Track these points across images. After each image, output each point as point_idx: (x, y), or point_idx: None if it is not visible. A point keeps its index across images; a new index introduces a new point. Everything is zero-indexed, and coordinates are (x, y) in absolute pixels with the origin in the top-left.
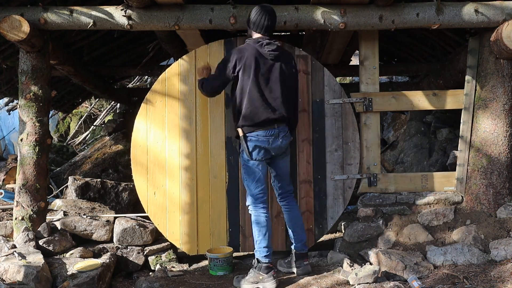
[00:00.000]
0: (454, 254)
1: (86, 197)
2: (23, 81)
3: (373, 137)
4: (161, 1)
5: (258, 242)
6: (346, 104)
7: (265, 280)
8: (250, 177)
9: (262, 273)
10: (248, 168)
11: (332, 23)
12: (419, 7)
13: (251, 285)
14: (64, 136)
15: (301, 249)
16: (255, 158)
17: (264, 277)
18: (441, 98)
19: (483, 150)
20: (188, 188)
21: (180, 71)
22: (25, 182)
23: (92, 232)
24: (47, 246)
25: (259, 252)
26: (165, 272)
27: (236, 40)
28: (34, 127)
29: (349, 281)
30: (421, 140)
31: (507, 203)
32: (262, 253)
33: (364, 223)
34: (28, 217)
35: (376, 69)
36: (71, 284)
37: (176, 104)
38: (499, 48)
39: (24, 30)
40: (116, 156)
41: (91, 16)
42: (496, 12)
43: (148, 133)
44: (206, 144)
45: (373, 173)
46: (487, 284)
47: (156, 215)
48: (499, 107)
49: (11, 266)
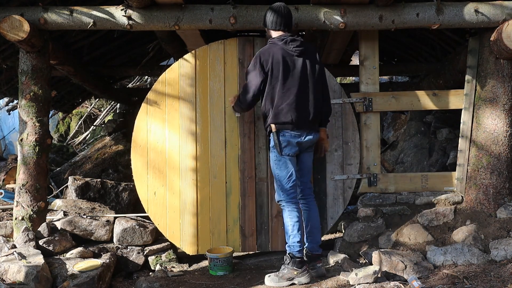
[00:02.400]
0: (454, 254)
1: (86, 197)
2: (23, 81)
3: (373, 137)
4: (161, 1)
5: (291, 237)
6: (346, 104)
7: (300, 275)
8: (282, 172)
9: (296, 268)
10: (280, 164)
11: (332, 23)
12: (419, 7)
13: (286, 282)
14: (64, 136)
15: (316, 250)
16: (287, 153)
17: (299, 272)
18: (441, 98)
19: (483, 150)
20: (188, 188)
21: (180, 71)
22: (25, 182)
23: (92, 232)
24: (47, 246)
25: (293, 247)
26: (165, 272)
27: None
28: (34, 127)
29: (349, 281)
30: (421, 140)
31: (507, 203)
32: (295, 248)
33: (364, 223)
34: (28, 217)
35: (376, 69)
36: (71, 284)
37: (177, 104)
38: (499, 48)
39: (24, 30)
40: (116, 156)
41: (91, 16)
42: (496, 12)
43: (149, 133)
44: (206, 144)
45: (373, 173)
46: (487, 284)
47: (157, 215)
48: (499, 107)
49: (11, 266)
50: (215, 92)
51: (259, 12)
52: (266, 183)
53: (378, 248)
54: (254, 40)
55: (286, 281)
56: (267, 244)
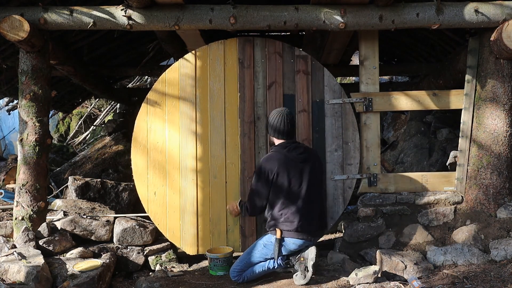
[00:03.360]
0: (454, 254)
1: (86, 197)
2: (23, 81)
3: (373, 137)
4: (161, 1)
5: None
6: (346, 104)
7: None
8: (258, 255)
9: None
10: (265, 254)
11: (332, 23)
12: (419, 7)
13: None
14: (64, 136)
15: None
16: (281, 255)
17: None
18: (441, 98)
19: (483, 150)
20: (188, 187)
21: (180, 71)
22: (25, 182)
23: (92, 232)
24: (47, 246)
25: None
26: (165, 272)
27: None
28: (34, 127)
29: (349, 281)
30: (421, 140)
31: (507, 203)
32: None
33: (364, 223)
34: (28, 217)
35: (376, 69)
36: (71, 284)
37: (177, 104)
38: (499, 48)
39: (24, 30)
40: (116, 156)
41: (91, 16)
42: (496, 12)
43: (149, 133)
44: (206, 144)
45: (373, 173)
46: (487, 284)
47: (157, 215)
48: (499, 107)
49: (11, 266)
50: (215, 92)
51: (259, 12)
52: None
53: (378, 248)
54: (254, 40)
55: None
56: None
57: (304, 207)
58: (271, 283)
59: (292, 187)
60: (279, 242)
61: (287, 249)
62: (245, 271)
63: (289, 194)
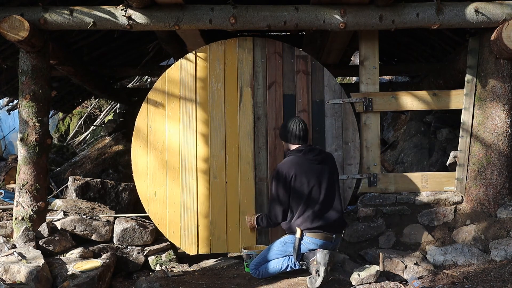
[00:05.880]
0: (454, 254)
1: (86, 197)
2: (23, 81)
3: (373, 137)
4: (161, 1)
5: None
6: (346, 104)
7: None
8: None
9: None
10: (284, 251)
11: (332, 23)
12: (419, 7)
13: None
14: (64, 136)
15: None
16: (299, 254)
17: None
18: (441, 98)
19: (483, 150)
20: (188, 188)
21: (180, 71)
22: (25, 182)
23: (92, 232)
24: (47, 246)
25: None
26: (165, 272)
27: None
28: (34, 127)
29: (351, 281)
30: (421, 140)
31: (507, 203)
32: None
33: (364, 223)
34: (28, 217)
35: (376, 69)
36: (71, 284)
37: (177, 104)
38: (499, 48)
39: (24, 30)
40: (116, 156)
41: (91, 16)
42: (496, 12)
43: (149, 133)
44: (206, 144)
45: (373, 173)
46: (487, 284)
47: (157, 215)
48: (499, 107)
49: (11, 266)
50: (215, 92)
51: (259, 12)
52: (266, 183)
53: (378, 248)
54: (254, 40)
55: None
56: (267, 244)
57: (324, 207)
58: (271, 283)
59: (310, 188)
60: (299, 241)
61: (306, 248)
62: (261, 266)
63: (308, 195)
